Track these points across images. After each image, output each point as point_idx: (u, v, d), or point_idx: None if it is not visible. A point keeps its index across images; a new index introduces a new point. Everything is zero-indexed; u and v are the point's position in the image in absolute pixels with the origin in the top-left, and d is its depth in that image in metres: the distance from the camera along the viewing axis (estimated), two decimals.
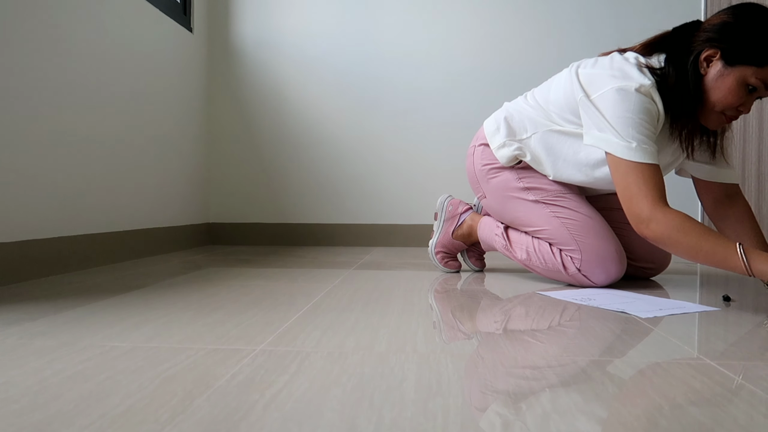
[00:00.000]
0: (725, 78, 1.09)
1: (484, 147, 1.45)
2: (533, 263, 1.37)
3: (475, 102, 2.53)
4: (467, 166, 1.53)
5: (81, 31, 1.61)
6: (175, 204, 2.26)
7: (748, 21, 1.06)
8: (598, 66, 1.20)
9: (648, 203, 1.06)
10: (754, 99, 1.12)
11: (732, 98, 1.10)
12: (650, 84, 1.12)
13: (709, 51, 1.10)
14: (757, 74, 1.06)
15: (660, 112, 1.14)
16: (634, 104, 1.11)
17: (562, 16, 2.50)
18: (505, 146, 1.38)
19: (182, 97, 2.32)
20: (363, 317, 0.95)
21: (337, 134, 2.58)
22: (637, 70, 1.14)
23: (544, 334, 0.83)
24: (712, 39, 1.09)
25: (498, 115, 1.43)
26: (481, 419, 0.50)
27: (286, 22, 2.59)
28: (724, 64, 1.09)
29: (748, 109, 1.12)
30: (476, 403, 0.54)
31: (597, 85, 1.16)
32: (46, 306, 1.03)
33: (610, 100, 1.13)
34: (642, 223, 1.07)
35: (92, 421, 0.49)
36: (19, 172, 1.37)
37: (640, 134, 1.10)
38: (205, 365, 0.66)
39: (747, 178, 2.13)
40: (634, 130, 1.10)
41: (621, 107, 1.11)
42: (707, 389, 0.59)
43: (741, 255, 0.97)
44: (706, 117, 1.16)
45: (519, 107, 1.38)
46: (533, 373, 0.64)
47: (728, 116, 1.14)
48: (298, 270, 1.62)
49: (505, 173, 1.41)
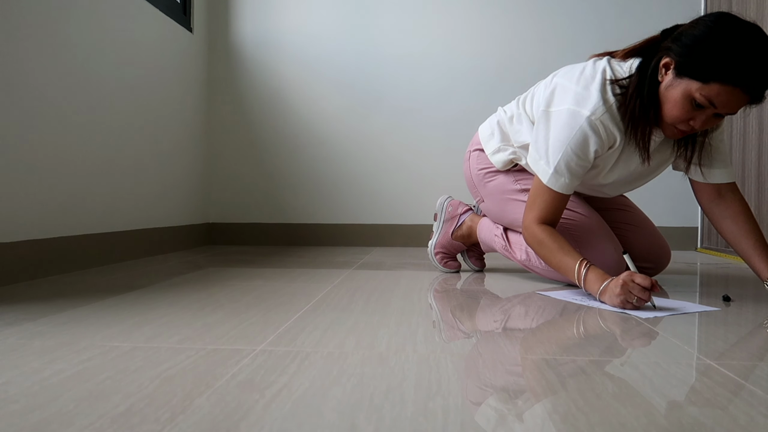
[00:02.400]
0: (673, 89, 1.05)
1: (480, 152, 1.47)
2: (533, 264, 1.37)
3: (475, 102, 2.53)
4: (464, 171, 1.54)
5: (81, 31, 1.61)
6: (175, 204, 2.26)
7: (705, 34, 0.99)
8: (568, 77, 1.20)
9: (531, 217, 1.22)
10: (709, 116, 1.04)
11: (677, 111, 1.05)
12: (603, 111, 1.11)
13: (666, 59, 1.06)
14: (701, 90, 1.00)
15: (615, 137, 1.14)
16: (574, 135, 1.13)
17: (562, 16, 2.50)
18: (500, 151, 1.40)
19: (182, 97, 2.32)
20: (363, 317, 0.95)
21: (337, 134, 2.58)
22: (599, 90, 1.12)
23: (544, 334, 0.83)
24: (671, 48, 1.05)
25: (492, 120, 1.45)
26: (480, 420, 0.50)
27: (286, 22, 2.59)
28: (675, 74, 1.04)
29: (700, 126, 1.06)
30: (476, 403, 0.54)
31: (560, 100, 1.18)
32: (46, 306, 1.03)
33: (561, 120, 1.16)
34: (525, 229, 1.24)
35: (92, 421, 0.49)
36: (19, 172, 1.37)
37: (564, 165, 1.16)
38: (205, 365, 0.66)
39: (747, 178, 2.13)
40: (562, 160, 1.15)
41: (563, 132, 1.14)
42: (707, 389, 0.59)
43: (579, 276, 1.12)
44: (663, 126, 1.13)
45: (510, 113, 1.39)
46: (533, 373, 0.64)
47: (679, 129, 1.10)
48: (298, 270, 1.62)
49: (501, 176, 1.42)
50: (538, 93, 1.29)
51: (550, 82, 1.25)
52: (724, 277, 1.55)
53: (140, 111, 1.96)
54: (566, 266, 1.15)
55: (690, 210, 2.49)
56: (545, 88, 1.25)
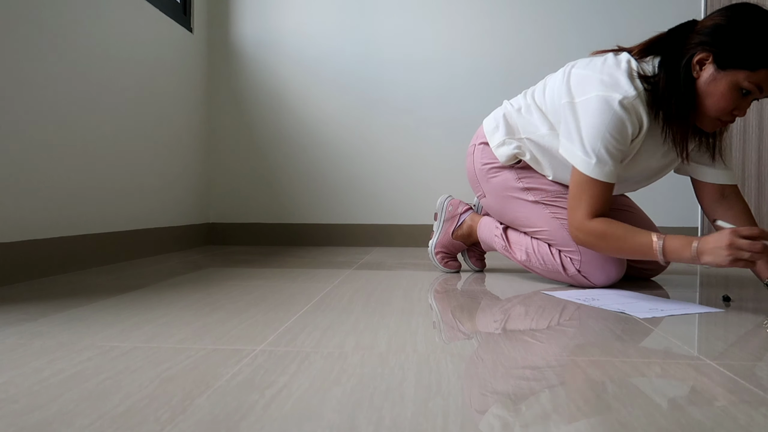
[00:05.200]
0: (717, 82, 1.07)
1: (484, 146, 1.45)
2: (533, 264, 1.37)
3: (474, 102, 2.53)
4: (467, 165, 1.52)
5: (81, 31, 1.61)
6: (175, 204, 2.26)
7: (740, 23, 1.04)
8: (590, 67, 1.19)
9: (581, 214, 1.16)
10: (750, 102, 1.09)
11: (725, 103, 1.08)
12: (635, 95, 1.11)
13: (701, 54, 1.08)
14: (749, 78, 1.04)
15: (643, 123, 1.14)
16: (610, 119, 1.12)
17: (562, 16, 2.50)
18: (505, 144, 1.38)
19: (182, 97, 2.32)
20: (363, 317, 0.95)
21: (337, 134, 2.58)
22: (626, 77, 1.13)
23: (544, 334, 0.83)
24: (705, 42, 1.07)
25: (497, 113, 1.43)
26: (480, 420, 0.50)
27: (286, 22, 2.59)
28: (716, 67, 1.07)
29: (743, 113, 1.11)
30: (476, 404, 0.54)
31: (583, 89, 1.17)
32: (46, 306, 1.03)
33: (591, 107, 1.14)
34: (576, 229, 1.18)
35: (92, 421, 0.49)
36: (20, 172, 1.37)
37: (605, 151, 1.13)
38: (205, 365, 0.66)
39: (747, 178, 2.13)
40: (602, 147, 1.13)
41: (598, 118, 1.13)
42: (707, 389, 0.59)
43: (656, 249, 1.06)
44: (701, 120, 1.15)
45: (518, 105, 1.38)
46: (533, 374, 0.64)
47: (723, 120, 1.13)
48: (298, 270, 1.62)
49: (505, 173, 1.41)
50: (553, 85, 1.28)
51: (566, 73, 1.23)
52: (724, 277, 1.55)
53: (140, 111, 1.96)
54: (642, 247, 1.09)
55: (690, 210, 2.49)
56: (562, 78, 1.24)
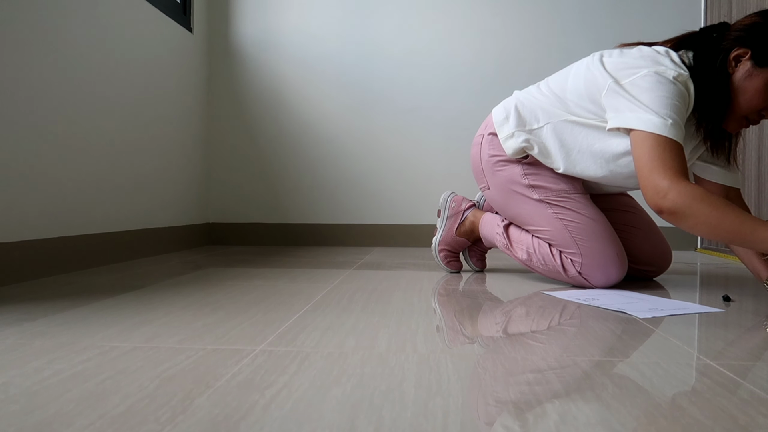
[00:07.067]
0: (753, 79, 1.08)
1: (493, 136, 1.40)
2: (534, 263, 1.37)
3: (475, 102, 2.53)
4: (473, 155, 1.47)
5: (80, 31, 1.61)
6: (175, 204, 2.26)
7: None
8: (626, 55, 1.17)
9: (669, 175, 1.03)
10: None
11: (758, 100, 1.08)
12: (687, 75, 1.10)
13: (738, 50, 1.08)
14: None
15: (690, 104, 1.12)
16: (671, 89, 1.08)
17: (562, 16, 2.50)
18: (514, 137, 1.33)
19: (182, 97, 2.32)
20: (363, 317, 0.95)
21: (337, 134, 2.58)
22: (671, 61, 1.12)
23: (544, 335, 0.83)
24: (743, 38, 1.08)
25: (508, 103, 1.37)
26: (479, 420, 0.50)
27: (286, 22, 2.59)
28: (754, 64, 1.07)
29: None
30: (475, 403, 0.54)
31: (630, 71, 1.13)
32: (46, 306, 1.03)
33: (647, 83, 1.09)
34: (659, 194, 1.03)
35: (92, 422, 0.49)
36: (20, 172, 1.37)
37: (677, 115, 1.07)
38: (205, 365, 0.66)
39: (747, 178, 2.13)
40: (671, 111, 1.06)
41: (659, 90, 1.07)
42: (707, 389, 0.59)
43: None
44: (728, 119, 1.14)
45: (531, 96, 1.33)
46: (533, 375, 0.64)
47: (750, 120, 1.13)
48: (298, 270, 1.62)
49: (512, 167, 1.36)
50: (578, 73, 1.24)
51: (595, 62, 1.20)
52: (723, 277, 1.55)
53: (140, 111, 1.96)
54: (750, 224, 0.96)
55: None
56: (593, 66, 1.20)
